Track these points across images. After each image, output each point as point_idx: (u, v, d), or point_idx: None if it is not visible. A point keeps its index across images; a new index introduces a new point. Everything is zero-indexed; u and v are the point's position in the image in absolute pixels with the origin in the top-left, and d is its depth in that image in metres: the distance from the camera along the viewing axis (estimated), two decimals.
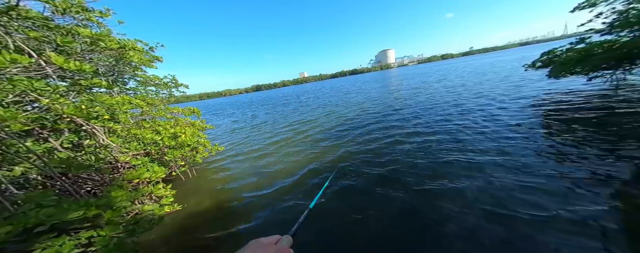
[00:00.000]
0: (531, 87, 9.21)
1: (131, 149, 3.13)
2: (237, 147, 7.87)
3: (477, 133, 5.11)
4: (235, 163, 6.13)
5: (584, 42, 6.54)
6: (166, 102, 5.43)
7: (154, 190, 3.51)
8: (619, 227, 2.14)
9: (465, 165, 3.76)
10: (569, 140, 4.03)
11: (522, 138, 4.45)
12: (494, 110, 6.67)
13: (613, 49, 5.64)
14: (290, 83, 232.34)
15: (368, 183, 3.69)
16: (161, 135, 4.04)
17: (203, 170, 6.10)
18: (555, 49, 7.28)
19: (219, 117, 20.19)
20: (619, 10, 6.03)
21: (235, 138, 9.35)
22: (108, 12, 3.72)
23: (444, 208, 2.81)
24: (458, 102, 8.81)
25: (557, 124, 4.94)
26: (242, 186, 4.68)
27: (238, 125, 12.77)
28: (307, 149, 6.07)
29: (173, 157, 4.41)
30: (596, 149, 3.56)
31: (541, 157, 3.63)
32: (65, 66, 2.41)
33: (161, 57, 5.26)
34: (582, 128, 4.44)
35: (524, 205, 2.61)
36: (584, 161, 3.29)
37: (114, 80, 3.71)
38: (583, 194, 2.64)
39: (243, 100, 42.73)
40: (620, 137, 3.79)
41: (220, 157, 6.93)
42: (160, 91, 5.17)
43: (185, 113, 5.58)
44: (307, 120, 10.36)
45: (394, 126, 6.93)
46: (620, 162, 3.13)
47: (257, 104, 28.37)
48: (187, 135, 4.79)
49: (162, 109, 4.92)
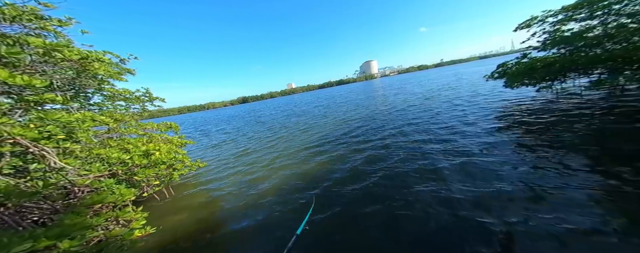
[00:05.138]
0: (491, 95, 10.38)
1: (93, 171, 2.77)
2: (220, 163, 7.47)
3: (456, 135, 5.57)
4: (218, 180, 5.78)
5: (527, 58, 7.69)
6: (138, 117, 5.02)
7: (119, 214, 3.13)
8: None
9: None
10: (523, 137, 4.77)
11: (491, 137, 5.02)
12: (465, 117, 7.38)
13: (549, 64, 6.70)
14: (277, 94, 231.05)
15: (352, 202, 3.55)
16: (131, 154, 3.67)
17: (182, 188, 5.69)
18: (507, 62, 8.40)
19: (200, 132, 19.39)
20: (549, 31, 7.27)
21: (219, 154, 8.90)
22: (69, 21, 3.42)
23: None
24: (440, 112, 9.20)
25: (512, 124, 5.75)
26: (225, 204, 4.39)
27: (222, 140, 12.20)
28: (294, 164, 5.90)
29: (145, 176, 4.01)
30: (539, 147, 4.12)
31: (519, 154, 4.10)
32: (10, 81, 2.11)
33: (134, 70, 4.92)
34: (530, 129, 5.14)
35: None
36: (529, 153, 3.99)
37: (73, 95, 3.34)
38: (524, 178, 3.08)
39: (229, 114, 41.51)
40: (558, 139, 4.40)
41: (202, 174, 6.53)
42: (131, 106, 4.77)
43: (161, 128, 5.19)
44: (294, 134, 10.15)
45: (381, 141, 6.93)
46: (553, 151, 3.73)
47: (240, 118, 27.62)
48: (162, 152, 4.44)
49: (132, 125, 4.53)
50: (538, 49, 7.62)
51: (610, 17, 5.98)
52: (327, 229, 2.96)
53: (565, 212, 2.47)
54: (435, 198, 3.18)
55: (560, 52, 6.92)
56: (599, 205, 2.51)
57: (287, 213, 3.58)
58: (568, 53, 6.62)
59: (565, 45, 6.64)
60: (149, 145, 4.32)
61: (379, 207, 3.20)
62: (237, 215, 3.87)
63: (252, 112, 34.93)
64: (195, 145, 11.82)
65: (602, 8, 6.01)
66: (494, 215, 2.63)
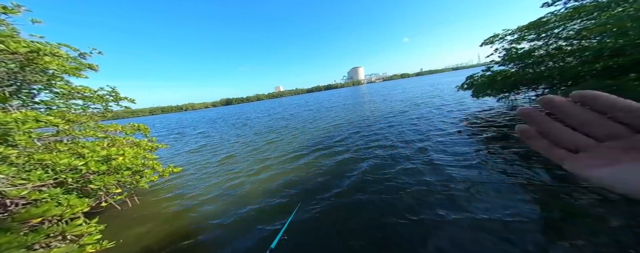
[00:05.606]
0: (462, 104, 11.29)
1: (32, 180, 2.40)
2: (199, 169, 6.97)
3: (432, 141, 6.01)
4: (194, 188, 5.37)
5: (490, 71, 8.51)
6: (99, 118, 4.55)
7: (67, 228, 2.76)
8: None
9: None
10: (479, 144, 5.30)
11: (459, 141, 5.61)
12: (439, 123, 8.04)
13: (506, 78, 7.53)
14: (264, 97, 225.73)
15: (340, 212, 3.45)
16: (85, 159, 3.27)
17: (151, 196, 5.19)
18: (474, 74, 9.21)
19: (176, 136, 18.32)
20: (506, 48, 8.17)
21: (198, 159, 8.29)
22: (18, 8, 3.04)
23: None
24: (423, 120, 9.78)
25: (473, 131, 6.42)
26: (200, 214, 4.07)
27: (202, 144, 11.45)
28: (282, 172, 5.58)
29: (103, 184, 3.61)
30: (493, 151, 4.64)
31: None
32: None
33: (96, 65, 4.49)
34: (487, 136, 5.80)
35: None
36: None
37: (14, 92, 2.90)
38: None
39: (211, 116, 39.47)
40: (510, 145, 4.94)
41: (176, 181, 6.02)
42: (90, 105, 4.30)
43: (127, 131, 4.73)
44: (283, 139, 9.81)
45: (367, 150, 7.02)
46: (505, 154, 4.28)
47: (223, 121, 26.51)
48: (126, 157, 4.05)
49: (90, 127, 4.07)
50: (499, 64, 8.48)
51: (551, 39, 6.90)
52: (309, 240, 2.85)
53: (492, 203, 2.94)
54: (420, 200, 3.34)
55: (515, 67, 7.83)
56: (523, 197, 3.00)
57: (268, 223, 3.38)
58: (520, 69, 7.50)
59: (519, 61, 7.53)
60: (111, 149, 3.90)
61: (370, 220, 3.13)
62: (212, 225, 3.60)
63: (236, 114, 33.63)
64: (170, 150, 10.97)
65: (546, 31, 6.92)
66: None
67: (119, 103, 4.84)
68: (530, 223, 2.52)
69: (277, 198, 4.15)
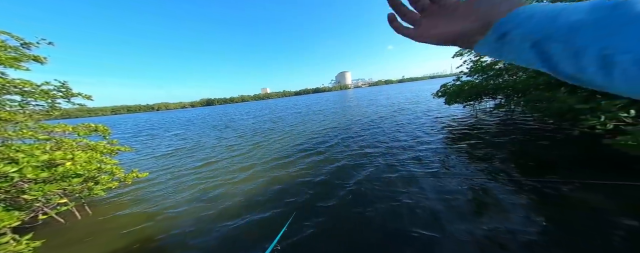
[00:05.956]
0: (436, 110, 12.42)
1: None
2: (171, 175, 6.35)
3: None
4: (163, 197, 4.84)
5: (459, 81, 9.26)
6: (43, 116, 3.96)
7: None
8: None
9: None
10: (451, 143, 6.03)
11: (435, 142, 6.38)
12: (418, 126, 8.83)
13: (472, 87, 8.25)
14: (250, 98, 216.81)
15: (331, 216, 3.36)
16: (19, 165, 2.79)
17: (108, 206, 4.64)
18: (447, 83, 9.94)
19: (146, 138, 16.91)
20: (473, 60, 8.98)
21: (171, 164, 7.58)
22: None
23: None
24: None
25: (444, 132, 7.17)
26: (167, 227, 3.64)
27: (177, 147, 10.53)
28: (268, 179, 5.13)
29: (42, 193, 3.12)
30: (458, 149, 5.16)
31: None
32: None
33: (44, 57, 3.93)
34: (454, 136, 6.62)
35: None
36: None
37: None
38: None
39: (189, 117, 36.43)
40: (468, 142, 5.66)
41: (143, 188, 5.42)
42: (31, 101, 3.71)
43: (79, 131, 4.17)
44: (270, 142, 9.40)
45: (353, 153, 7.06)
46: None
47: (203, 122, 24.84)
48: (77, 161, 3.57)
49: (29, 127, 3.51)
50: (466, 74, 9.27)
51: None
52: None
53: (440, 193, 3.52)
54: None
55: (479, 78, 8.62)
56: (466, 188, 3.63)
57: (254, 241, 2.99)
58: (483, 80, 8.27)
59: (482, 73, 8.33)
60: (55, 153, 3.41)
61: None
62: (181, 243, 3.19)
63: (218, 116, 31.67)
64: (139, 153, 10.00)
65: None
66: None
67: (71, 100, 4.26)
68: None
69: (265, 211, 3.71)
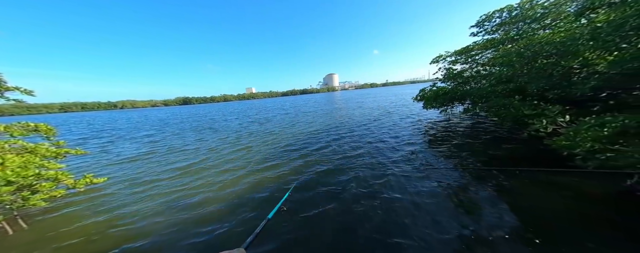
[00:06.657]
0: (417, 114, 13.36)
1: None
2: (134, 182, 5.70)
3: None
4: (123, 206, 4.34)
5: (435, 86, 9.87)
6: None
7: None
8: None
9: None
10: (428, 143, 6.70)
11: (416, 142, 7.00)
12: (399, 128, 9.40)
13: (445, 93, 8.84)
14: (233, 98, 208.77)
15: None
16: None
17: (49, 218, 4.12)
18: (425, 88, 10.56)
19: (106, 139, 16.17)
20: (447, 68, 9.60)
21: (136, 169, 6.95)
22: None
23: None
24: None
25: (423, 133, 7.81)
26: (119, 239, 3.31)
27: (145, 151, 9.57)
28: (250, 184, 4.93)
29: None
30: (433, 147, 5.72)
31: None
32: None
33: None
34: (432, 137, 7.33)
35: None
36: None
37: None
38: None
39: (162, 117, 32.99)
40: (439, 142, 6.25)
41: (98, 198, 4.80)
42: None
43: (14, 132, 3.82)
44: (257, 144, 9.22)
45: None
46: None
47: (177, 123, 23.13)
48: (7, 167, 3.38)
49: None
50: (441, 81, 9.91)
51: (474, 64, 8.44)
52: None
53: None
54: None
55: (451, 84, 9.25)
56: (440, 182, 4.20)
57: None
58: (455, 86, 8.89)
59: (453, 80, 8.98)
60: None
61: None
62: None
63: (197, 116, 29.61)
64: (97, 157, 8.96)
65: (471, 56, 8.50)
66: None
67: (4, 94, 3.74)
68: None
69: (245, 219, 3.47)
